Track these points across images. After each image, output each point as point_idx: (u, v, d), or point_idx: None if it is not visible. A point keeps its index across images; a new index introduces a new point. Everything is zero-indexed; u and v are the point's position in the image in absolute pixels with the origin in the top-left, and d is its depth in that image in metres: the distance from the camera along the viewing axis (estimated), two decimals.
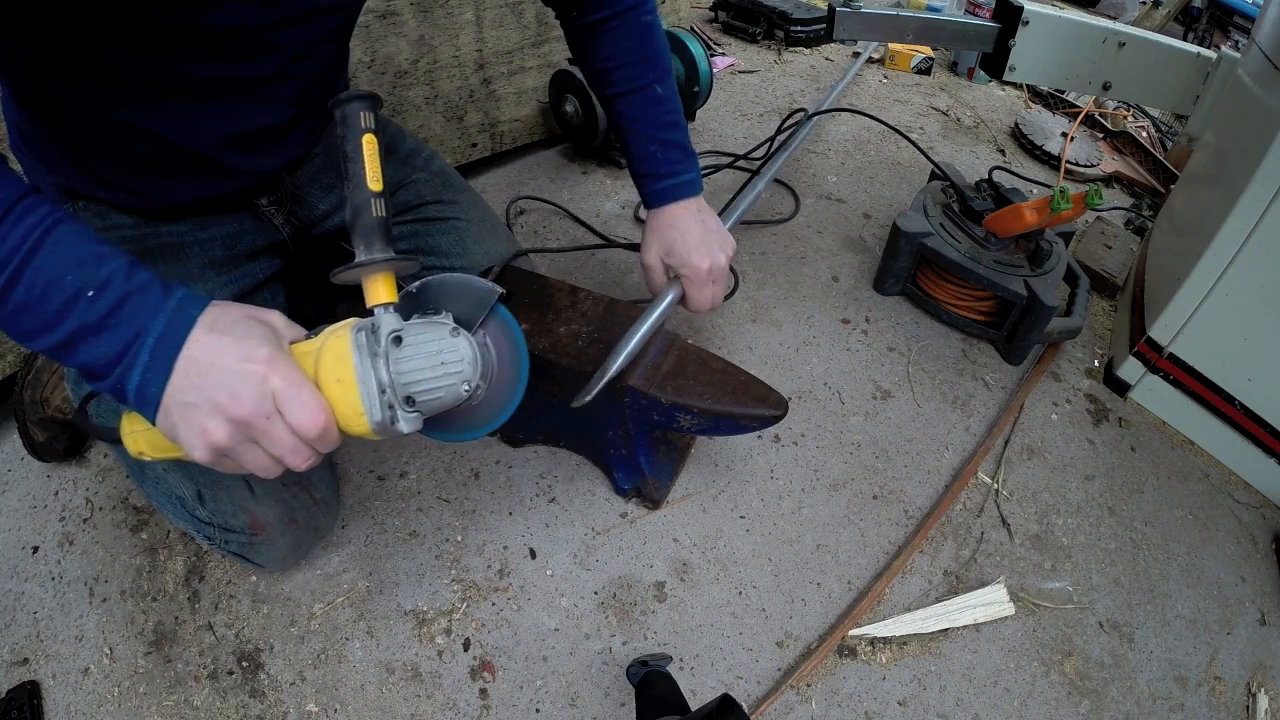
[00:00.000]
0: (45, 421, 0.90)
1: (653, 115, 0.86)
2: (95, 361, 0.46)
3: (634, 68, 0.84)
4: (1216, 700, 0.85)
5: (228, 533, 0.73)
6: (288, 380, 0.48)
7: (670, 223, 0.87)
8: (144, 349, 0.46)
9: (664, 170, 0.87)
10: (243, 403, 0.47)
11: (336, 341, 0.52)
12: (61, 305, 0.45)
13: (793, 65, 2.19)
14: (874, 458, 1.05)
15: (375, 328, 0.53)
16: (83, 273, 0.46)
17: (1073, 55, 1.28)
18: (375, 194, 0.54)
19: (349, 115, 0.53)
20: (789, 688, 0.79)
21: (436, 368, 0.54)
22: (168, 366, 0.47)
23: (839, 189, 1.61)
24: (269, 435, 0.48)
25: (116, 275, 0.47)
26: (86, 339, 0.46)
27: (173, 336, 0.47)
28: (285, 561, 0.79)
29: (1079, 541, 0.99)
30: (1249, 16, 2.58)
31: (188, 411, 0.47)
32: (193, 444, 0.47)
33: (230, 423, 0.47)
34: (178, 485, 0.73)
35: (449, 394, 0.55)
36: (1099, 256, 1.44)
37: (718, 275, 0.88)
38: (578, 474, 0.98)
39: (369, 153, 0.54)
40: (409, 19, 1.22)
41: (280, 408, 0.48)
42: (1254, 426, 1.06)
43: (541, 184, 1.53)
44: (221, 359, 0.47)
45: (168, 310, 0.47)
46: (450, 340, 0.55)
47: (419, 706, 0.76)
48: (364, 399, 0.51)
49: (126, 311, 0.46)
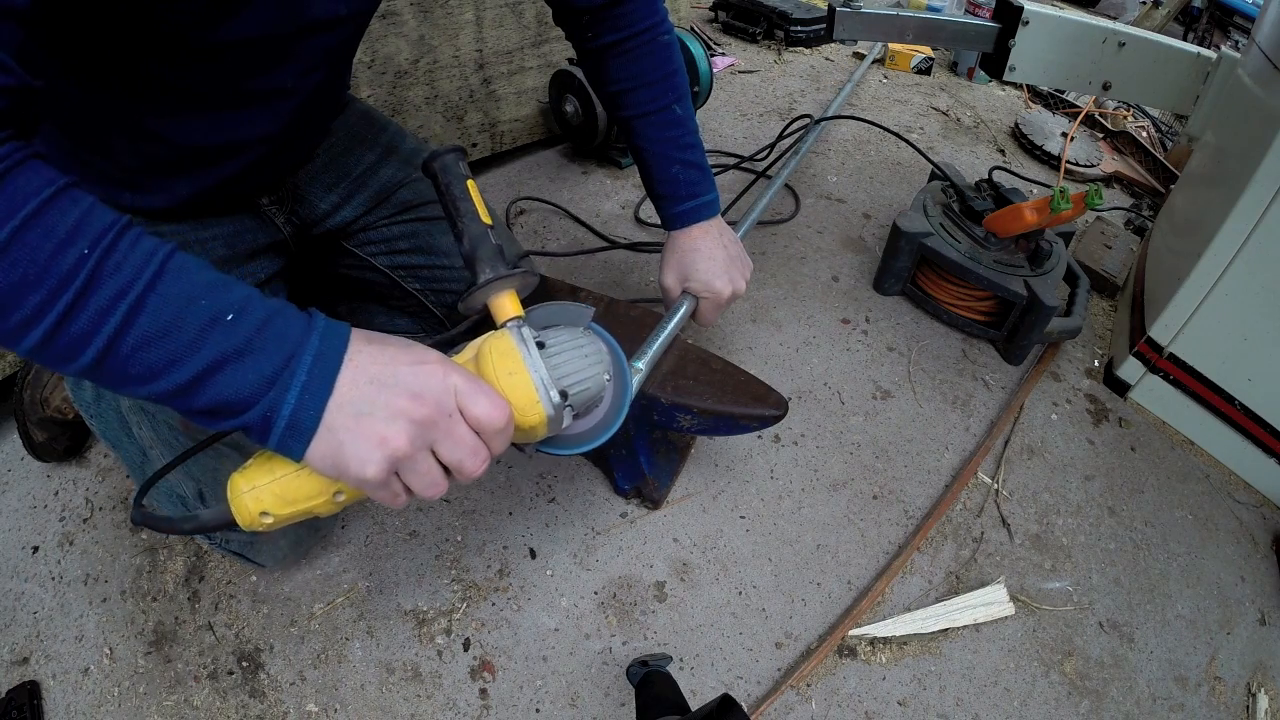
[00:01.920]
0: (45, 422, 0.90)
1: (673, 137, 0.85)
2: (238, 393, 0.41)
3: (652, 89, 0.82)
4: (1216, 700, 0.85)
5: (228, 531, 0.73)
6: (467, 376, 0.47)
7: (693, 246, 0.87)
8: (300, 368, 0.42)
9: (685, 192, 0.86)
10: (426, 401, 0.44)
11: (499, 340, 0.54)
12: (197, 333, 0.40)
13: (793, 65, 2.19)
14: (874, 458, 1.05)
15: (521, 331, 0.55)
16: (214, 297, 0.41)
17: (1073, 55, 1.28)
18: (490, 227, 0.59)
19: (449, 165, 0.60)
20: (789, 688, 0.79)
21: (582, 359, 0.58)
22: (329, 384, 0.43)
23: (839, 189, 1.61)
24: (451, 435, 0.46)
25: (253, 297, 0.43)
26: (227, 368, 0.41)
27: (330, 354, 0.44)
28: (286, 560, 0.79)
29: (1079, 541, 0.99)
30: (1249, 16, 2.58)
31: (361, 423, 0.43)
32: (367, 459, 0.43)
33: (413, 424, 0.44)
34: (179, 484, 0.73)
35: (595, 384, 0.59)
36: (1099, 256, 1.44)
37: (736, 300, 0.89)
38: (578, 474, 0.98)
39: (475, 194, 0.60)
40: (409, 19, 1.22)
41: (462, 403, 0.46)
42: (1254, 426, 1.06)
43: (541, 184, 1.53)
44: (395, 364, 0.45)
45: (319, 328, 0.44)
46: (585, 336, 0.60)
47: (419, 706, 0.76)
48: (538, 387, 0.52)
49: (273, 332, 0.42)
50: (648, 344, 0.79)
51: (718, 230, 0.89)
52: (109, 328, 0.38)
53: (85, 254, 0.37)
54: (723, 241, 0.89)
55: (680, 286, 0.88)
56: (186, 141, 0.65)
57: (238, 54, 0.60)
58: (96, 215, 0.39)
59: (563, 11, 0.83)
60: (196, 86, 0.61)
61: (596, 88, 0.87)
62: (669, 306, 0.89)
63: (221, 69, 0.60)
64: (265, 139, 0.71)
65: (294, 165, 0.83)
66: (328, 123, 0.86)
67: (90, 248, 0.38)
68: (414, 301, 0.93)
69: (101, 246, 0.38)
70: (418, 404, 0.44)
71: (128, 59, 0.56)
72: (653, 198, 0.90)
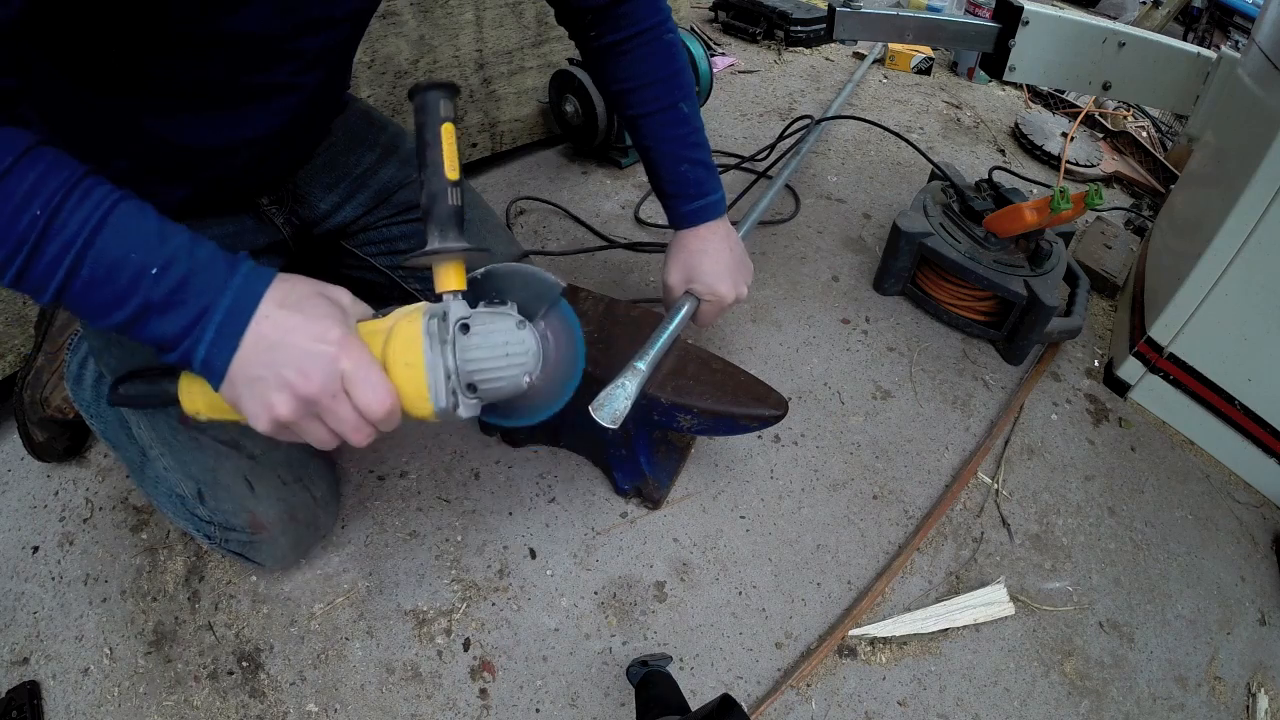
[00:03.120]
0: (45, 422, 0.90)
1: (680, 136, 0.85)
2: (163, 336, 0.48)
3: (657, 87, 0.82)
4: (1216, 700, 0.85)
5: (228, 531, 0.73)
6: (358, 363, 0.49)
7: (700, 247, 0.87)
8: (210, 325, 0.48)
9: (693, 191, 0.86)
10: (311, 381, 0.48)
11: (408, 325, 0.53)
12: (127, 284, 0.46)
13: (793, 65, 2.19)
14: (874, 458, 1.05)
15: (444, 314, 0.54)
16: (146, 251, 0.46)
17: (1073, 55, 1.28)
18: (452, 183, 0.55)
19: (428, 103, 0.54)
20: (789, 688, 0.79)
21: (501, 358, 0.56)
22: (234, 341, 0.48)
23: (839, 189, 1.61)
24: (334, 413, 0.50)
25: (180, 252, 0.47)
26: (152, 316, 0.47)
27: (239, 312, 0.48)
28: (285, 560, 0.79)
29: (1079, 541, 0.99)
30: (1249, 16, 2.59)
31: (254, 385, 0.48)
32: (256, 415, 0.49)
33: (296, 399, 0.48)
34: (178, 484, 0.73)
35: (510, 384, 0.57)
36: (1099, 256, 1.44)
37: (740, 302, 0.90)
38: (578, 474, 0.98)
39: (448, 141, 0.54)
40: (409, 19, 1.22)
41: (348, 389, 0.49)
42: (1254, 426, 1.06)
43: (541, 184, 1.53)
44: (292, 336, 0.48)
45: (234, 286, 0.48)
46: (516, 332, 0.57)
47: (419, 706, 0.76)
48: (430, 385, 0.52)
49: (192, 288, 0.47)
50: (650, 344, 0.78)
51: (725, 232, 0.89)
52: (58, 277, 0.45)
53: (37, 215, 0.44)
54: (729, 244, 0.89)
55: (684, 286, 0.88)
56: (185, 142, 0.65)
57: (236, 50, 0.60)
58: (51, 176, 0.45)
59: (565, 11, 0.83)
60: (194, 85, 0.61)
61: (601, 87, 0.87)
62: (669, 304, 0.89)
63: (220, 65, 0.60)
64: (264, 138, 0.70)
65: (293, 165, 0.83)
66: (327, 122, 0.86)
67: (41, 208, 0.44)
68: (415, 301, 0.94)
69: (50, 207, 0.44)
70: (304, 381, 0.48)
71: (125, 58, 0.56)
72: (660, 196, 0.90)
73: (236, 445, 0.72)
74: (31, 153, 0.45)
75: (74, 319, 0.88)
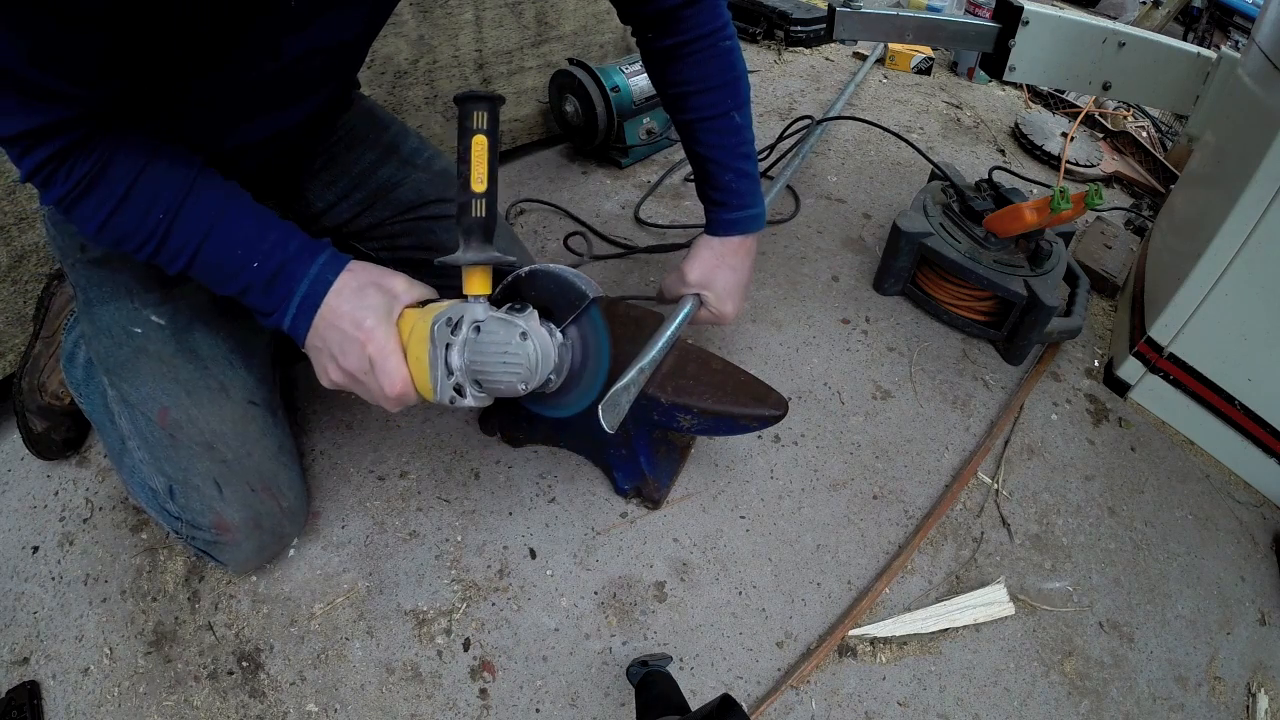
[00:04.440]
0: (43, 410, 0.90)
1: (730, 144, 0.85)
2: (261, 307, 0.64)
3: (713, 94, 0.83)
4: (1216, 700, 0.85)
5: (195, 529, 0.74)
6: (379, 351, 0.62)
7: (728, 261, 0.89)
8: (292, 305, 0.63)
9: (736, 202, 0.87)
10: (349, 359, 0.63)
11: (422, 324, 0.64)
12: (233, 271, 0.62)
13: (793, 65, 2.19)
14: (874, 458, 1.05)
15: (460, 316, 0.63)
16: (247, 248, 0.62)
17: (1073, 55, 1.28)
18: (477, 195, 0.61)
19: (465, 114, 0.59)
20: (789, 688, 0.79)
21: (499, 364, 0.63)
22: (309, 319, 0.63)
23: (839, 189, 1.61)
24: (365, 386, 0.64)
25: (275, 248, 0.62)
26: (254, 293, 0.63)
27: (312, 299, 0.63)
28: (249, 564, 0.79)
29: (1079, 541, 0.99)
30: (1249, 16, 2.58)
31: (318, 352, 0.65)
32: (320, 373, 0.66)
33: (340, 370, 0.64)
34: (150, 477, 0.73)
35: (508, 386, 0.65)
36: (1099, 256, 1.44)
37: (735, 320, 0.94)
38: (578, 474, 0.98)
39: (477, 154, 0.59)
40: (409, 19, 1.22)
41: (374, 370, 0.62)
42: (1254, 426, 1.06)
43: (541, 184, 1.53)
44: (339, 322, 0.62)
45: (310, 276, 0.63)
46: (517, 343, 0.64)
47: (419, 706, 0.76)
48: (432, 380, 0.63)
49: (281, 278, 0.63)
50: (653, 344, 0.79)
51: (750, 251, 0.91)
52: (182, 260, 0.61)
53: (161, 218, 0.59)
54: (749, 264, 0.91)
55: (695, 288, 0.89)
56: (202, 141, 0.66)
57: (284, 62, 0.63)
58: (170, 182, 0.59)
59: (628, 12, 0.83)
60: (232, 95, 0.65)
61: (659, 88, 0.88)
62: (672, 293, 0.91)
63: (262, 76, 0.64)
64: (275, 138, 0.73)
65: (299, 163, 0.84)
66: (335, 120, 0.87)
67: (164, 213, 0.59)
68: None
69: (171, 210, 0.59)
70: (343, 359, 0.63)
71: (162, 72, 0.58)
72: (704, 200, 0.90)
73: (211, 447, 0.73)
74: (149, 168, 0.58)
75: (71, 301, 0.90)
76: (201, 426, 0.72)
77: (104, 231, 0.59)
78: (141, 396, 0.72)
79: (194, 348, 0.75)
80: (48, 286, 0.94)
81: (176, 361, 0.74)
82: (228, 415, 0.74)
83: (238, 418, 0.75)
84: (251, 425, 0.76)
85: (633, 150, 1.57)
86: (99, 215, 0.57)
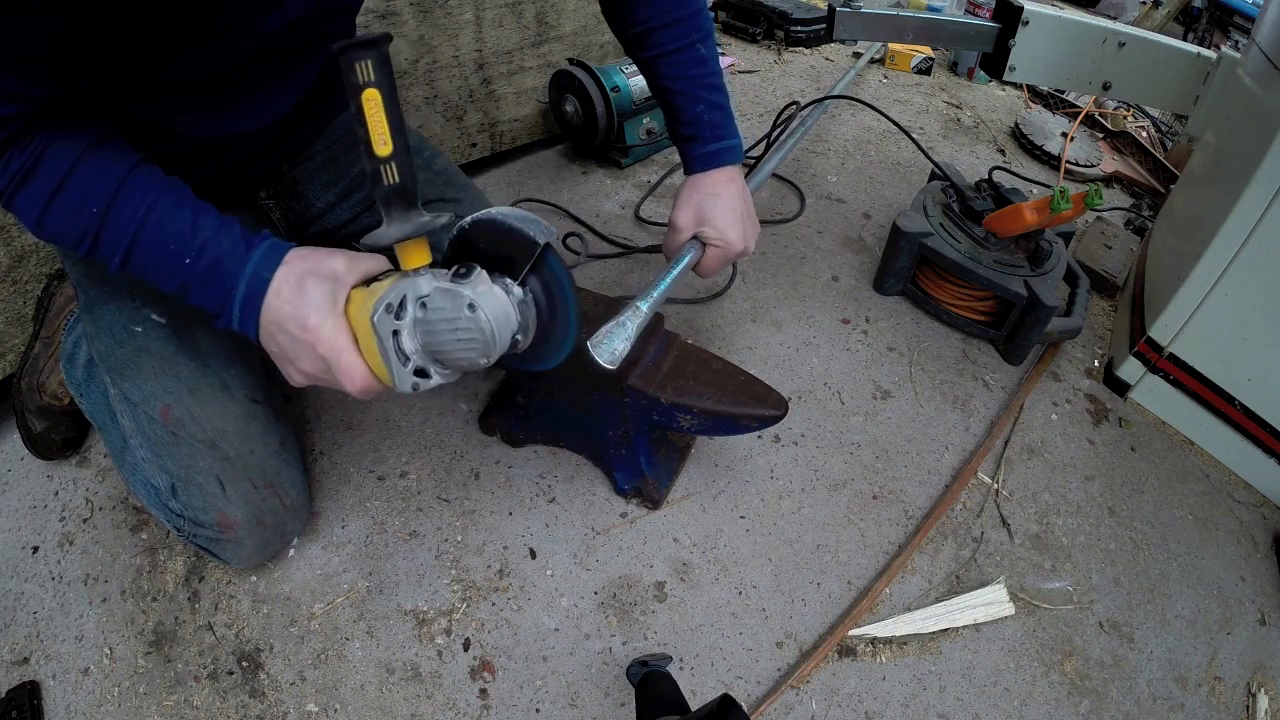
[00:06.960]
0: (42, 410, 0.90)
1: (697, 76, 0.83)
2: (205, 307, 0.60)
3: (675, 27, 0.81)
4: (1216, 700, 0.85)
5: (197, 526, 0.73)
6: (331, 351, 0.58)
7: (714, 190, 0.85)
8: (235, 306, 0.59)
9: (710, 134, 0.85)
10: (303, 363, 0.60)
11: (361, 315, 0.58)
12: (170, 268, 0.58)
13: (793, 65, 2.19)
14: (874, 458, 1.05)
15: (403, 297, 0.56)
16: (181, 242, 0.58)
17: (1073, 55, 1.28)
18: (384, 159, 0.50)
19: (346, 67, 0.47)
20: (789, 688, 0.79)
21: (452, 341, 0.57)
22: (255, 319, 0.59)
23: (839, 189, 1.61)
24: (330, 384, 0.61)
25: (209, 243, 0.58)
26: (193, 291, 0.59)
27: (253, 301, 0.59)
28: (250, 560, 0.79)
29: (1079, 541, 0.99)
30: (1249, 16, 2.58)
31: (275, 356, 0.62)
32: (285, 376, 0.62)
33: (300, 373, 0.61)
34: (153, 475, 0.73)
35: (469, 362, 0.59)
36: (1099, 256, 1.44)
37: (744, 255, 0.89)
38: (578, 474, 0.98)
39: (371, 112, 0.48)
40: (409, 19, 1.22)
41: (330, 366, 0.59)
42: (1254, 426, 1.06)
43: (541, 184, 1.53)
44: (286, 325, 0.58)
45: (247, 276, 0.58)
46: (467, 316, 0.56)
47: (419, 706, 0.76)
48: (390, 373, 0.58)
49: (217, 275, 0.58)
50: (653, 286, 0.77)
51: (738, 181, 0.87)
52: (118, 258, 0.58)
53: (94, 213, 0.56)
54: (741, 193, 0.87)
55: (693, 229, 0.86)
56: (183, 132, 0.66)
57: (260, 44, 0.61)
58: (102, 177, 0.56)
59: None
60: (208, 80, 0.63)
61: (620, 32, 0.86)
62: (673, 249, 0.87)
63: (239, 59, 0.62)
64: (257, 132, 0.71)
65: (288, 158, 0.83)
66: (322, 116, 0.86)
67: (98, 206, 0.56)
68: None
69: (104, 203, 0.56)
70: (298, 363, 0.60)
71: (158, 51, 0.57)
72: (676, 140, 0.88)
73: (213, 444, 0.73)
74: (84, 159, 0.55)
75: (71, 300, 0.89)
76: (204, 424, 0.72)
77: (41, 228, 0.57)
78: (143, 395, 0.72)
79: (195, 346, 0.75)
80: (47, 287, 0.94)
81: (178, 360, 0.74)
82: (230, 413, 0.74)
83: (239, 415, 0.75)
84: (253, 422, 0.76)
85: (633, 150, 1.57)
86: (34, 211, 0.55)
